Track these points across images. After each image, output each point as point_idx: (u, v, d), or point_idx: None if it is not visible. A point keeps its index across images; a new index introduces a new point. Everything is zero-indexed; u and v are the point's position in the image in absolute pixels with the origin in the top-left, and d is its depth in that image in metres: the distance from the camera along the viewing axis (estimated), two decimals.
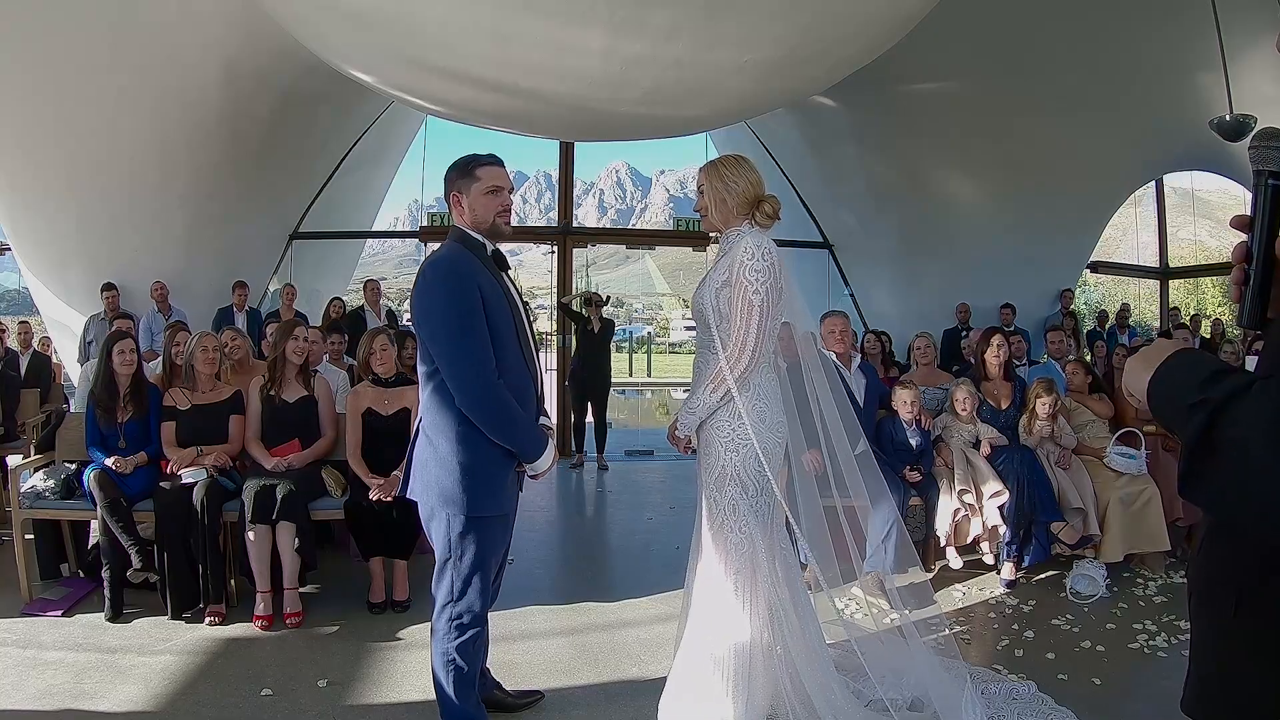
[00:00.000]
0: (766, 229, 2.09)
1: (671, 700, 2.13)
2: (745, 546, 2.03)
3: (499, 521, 2.01)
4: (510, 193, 2.05)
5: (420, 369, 2.01)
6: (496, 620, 2.23)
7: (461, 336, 1.86)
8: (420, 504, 2.01)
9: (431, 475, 1.94)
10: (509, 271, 2.10)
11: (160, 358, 4.05)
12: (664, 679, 2.24)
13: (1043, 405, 3.70)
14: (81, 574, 3.38)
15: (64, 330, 6.97)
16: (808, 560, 2.16)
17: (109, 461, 3.12)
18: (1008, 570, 3.51)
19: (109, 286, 6.33)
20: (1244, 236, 0.88)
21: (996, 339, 3.97)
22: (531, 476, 2.03)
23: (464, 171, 2.00)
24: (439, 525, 1.96)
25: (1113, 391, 4.24)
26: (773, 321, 2.00)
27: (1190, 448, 0.75)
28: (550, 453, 1.99)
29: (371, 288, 7.13)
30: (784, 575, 2.10)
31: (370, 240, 11.04)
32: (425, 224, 8.03)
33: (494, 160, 2.02)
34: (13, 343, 5.82)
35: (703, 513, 2.14)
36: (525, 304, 2.16)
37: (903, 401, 3.66)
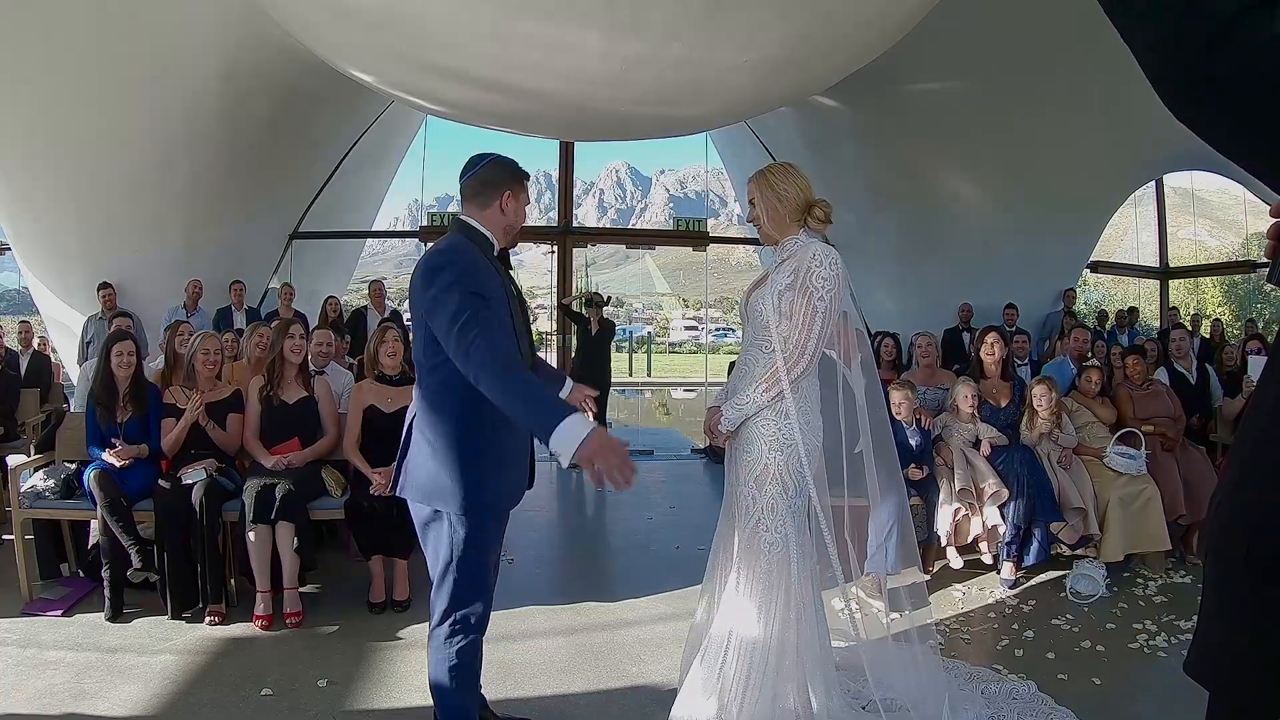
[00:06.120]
0: (820, 233, 2.11)
1: (688, 699, 2.12)
2: (779, 547, 2.03)
3: (494, 517, 1.97)
4: None
5: (421, 362, 1.92)
6: (496, 620, 2.22)
7: (485, 307, 1.78)
8: (414, 507, 1.95)
9: (427, 472, 1.89)
10: (512, 270, 2.08)
11: (162, 355, 4.03)
12: (665, 678, 2.23)
13: (1040, 403, 3.70)
14: (81, 574, 3.38)
15: (64, 330, 6.98)
16: (831, 557, 2.16)
17: (106, 455, 3.12)
18: (1008, 570, 3.51)
19: (105, 285, 6.33)
20: None
21: (990, 337, 3.98)
22: (572, 466, 1.76)
23: (516, 176, 2.00)
24: (438, 528, 1.91)
25: (1113, 394, 4.24)
26: (829, 329, 2.02)
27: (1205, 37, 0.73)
28: (573, 430, 1.62)
29: (376, 288, 7.13)
30: (810, 578, 2.10)
31: (370, 240, 11.05)
32: (425, 224, 8.04)
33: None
34: (12, 343, 5.82)
35: (735, 511, 2.14)
36: (525, 304, 2.14)
37: (894, 403, 3.66)
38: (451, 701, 1.93)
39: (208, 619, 2.99)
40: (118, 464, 3.13)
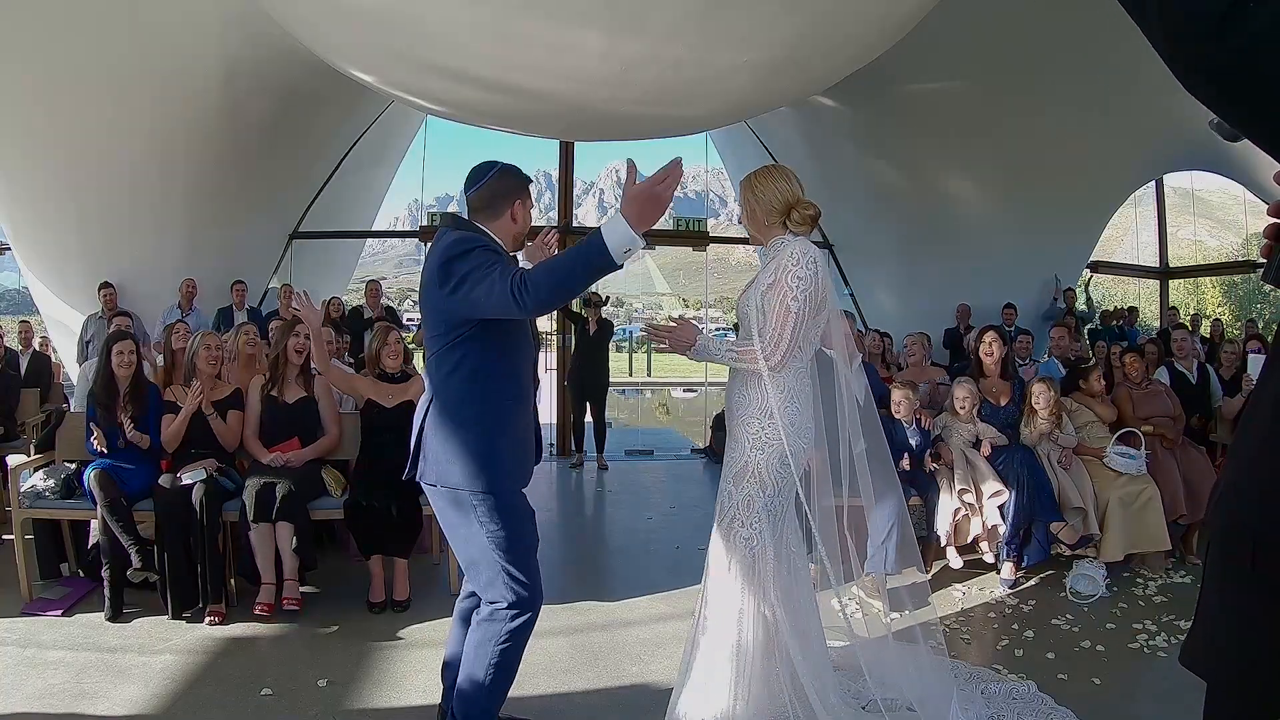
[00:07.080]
0: (803, 235, 2.11)
1: (685, 698, 2.12)
2: (754, 543, 2.04)
3: (520, 495, 1.97)
4: None
5: (436, 348, 1.90)
6: None
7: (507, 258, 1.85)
8: (437, 500, 1.93)
9: (447, 455, 1.86)
10: None
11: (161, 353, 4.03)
12: (664, 678, 2.23)
13: (1039, 403, 3.70)
14: (81, 574, 3.38)
15: (64, 330, 6.97)
16: (822, 558, 2.16)
17: (93, 439, 3.14)
18: (1008, 570, 3.51)
19: (106, 285, 6.33)
20: None
21: (989, 336, 3.98)
22: (646, 246, 1.79)
23: (523, 184, 2.02)
24: (466, 523, 1.87)
25: (1113, 394, 4.24)
26: (808, 328, 2.02)
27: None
28: (611, 227, 1.66)
29: (373, 288, 7.24)
30: (791, 575, 2.10)
31: (370, 240, 11.04)
32: (425, 224, 8.03)
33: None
34: (12, 343, 5.82)
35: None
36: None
37: (895, 401, 3.66)
38: (481, 706, 1.91)
39: (208, 619, 2.99)
40: (104, 451, 3.14)
